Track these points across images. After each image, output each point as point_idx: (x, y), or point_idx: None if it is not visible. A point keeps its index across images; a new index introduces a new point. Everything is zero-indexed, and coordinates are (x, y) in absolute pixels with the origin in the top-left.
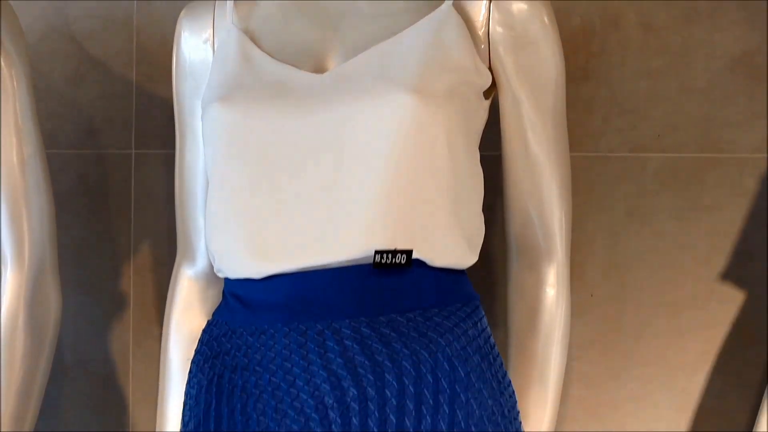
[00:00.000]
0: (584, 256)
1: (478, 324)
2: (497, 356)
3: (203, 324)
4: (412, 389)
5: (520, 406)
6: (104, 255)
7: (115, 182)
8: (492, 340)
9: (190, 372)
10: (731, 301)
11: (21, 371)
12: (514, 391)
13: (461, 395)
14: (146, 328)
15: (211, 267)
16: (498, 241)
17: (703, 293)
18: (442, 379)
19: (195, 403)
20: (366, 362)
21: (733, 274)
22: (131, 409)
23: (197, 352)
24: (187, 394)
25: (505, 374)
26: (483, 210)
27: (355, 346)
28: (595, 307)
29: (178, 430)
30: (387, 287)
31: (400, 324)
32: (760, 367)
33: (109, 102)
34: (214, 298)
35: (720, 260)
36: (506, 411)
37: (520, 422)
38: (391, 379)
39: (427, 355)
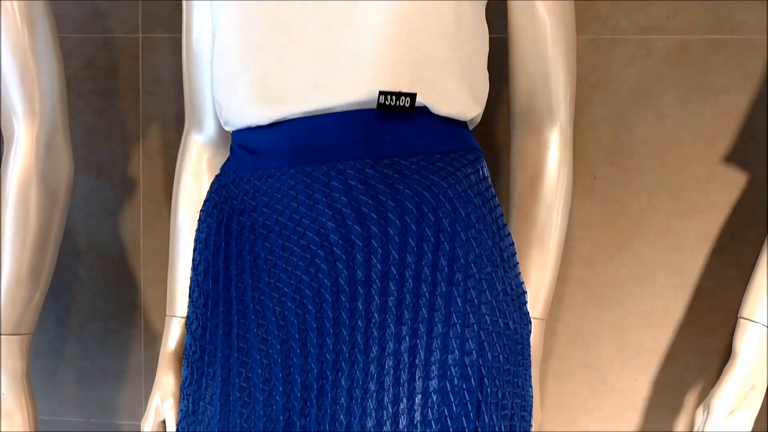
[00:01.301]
0: (588, 139)
1: (480, 171)
2: (498, 206)
3: None
4: (414, 228)
5: (521, 268)
6: (113, 139)
7: (122, 66)
8: (493, 190)
9: (200, 219)
10: (733, 183)
11: (36, 225)
12: (513, 244)
13: (461, 234)
14: (156, 210)
15: (220, 134)
16: (504, 125)
17: (705, 175)
18: (444, 219)
19: (204, 247)
20: (370, 202)
21: (736, 156)
22: (143, 290)
23: (206, 200)
24: (196, 239)
25: (504, 225)
26: (489, 96)
27: (359, 186)
28: (597, 189)
29: (189, 286)
30: (391, 131)
31: (403, 167)
32: (759, 248)
33: None
34: (222, 164)
35: (724, 143)
36: (505, 256)
37: (519, 272)
38: (394, 218)
39: (429, 196)
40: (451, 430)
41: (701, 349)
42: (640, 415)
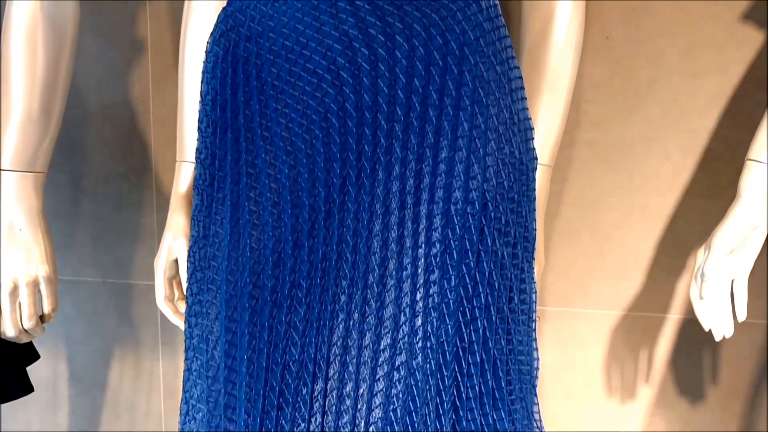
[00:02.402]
0: None
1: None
2: (507, 36)
3: None
4: (422, 51)
5: (531, 113)
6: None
7: None
8: (502, 19)
9: (206, 50)
10: (749, 43)
11: (44, 63)
12: (522, 78)
13: (470, 58)
14: (165, 73)
15: None
16: None
17: (721, 35)
18: (452, 42)
19: (212, 76)
20: (377, 23)
21: (754, 14)
22: (153, 152)
23: (212, 31)
24: (204, 70)
25: (513, 57)
26: None
27: (366, 6)
28: (610, 49)
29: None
30: None
31: None
32: None
33: None
34: None
35: (744, 0)
36: (513, 86)
37: (527, 108)
38: (401, 41)
39: (437, 19)
40: (454, 252)
41: (707, 212)
42: (643, 275)
